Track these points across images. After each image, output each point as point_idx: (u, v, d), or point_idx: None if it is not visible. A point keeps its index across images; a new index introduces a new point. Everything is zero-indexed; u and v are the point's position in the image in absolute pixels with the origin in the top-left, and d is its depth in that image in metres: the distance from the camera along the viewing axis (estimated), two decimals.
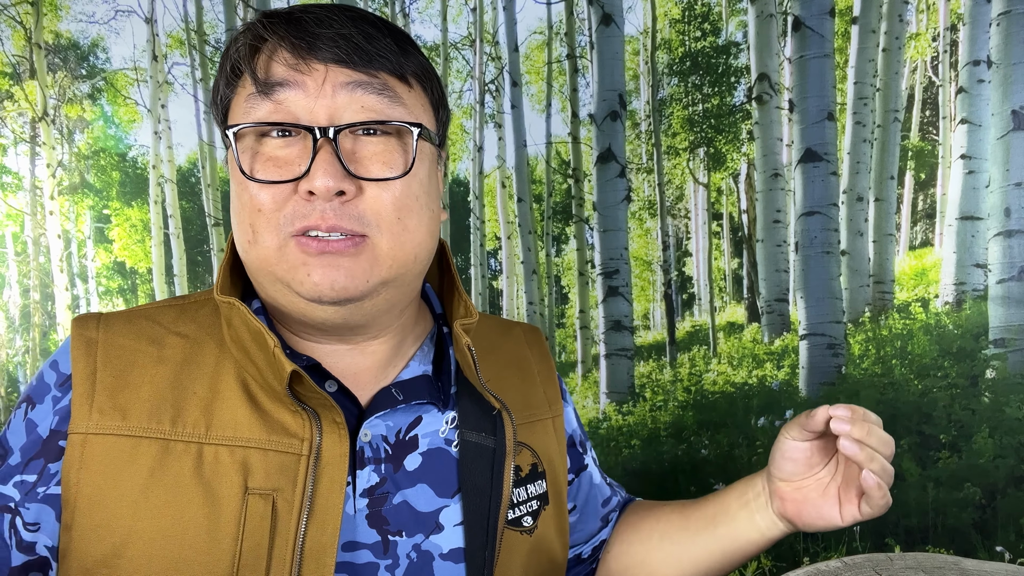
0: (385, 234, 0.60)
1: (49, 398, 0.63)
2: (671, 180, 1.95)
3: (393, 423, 0.68)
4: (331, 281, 0.59)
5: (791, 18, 1.80)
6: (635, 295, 1.94)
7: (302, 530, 0.59)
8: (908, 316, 1.77)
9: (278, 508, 0.59)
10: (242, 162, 0.60)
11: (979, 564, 0.66)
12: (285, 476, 0.60)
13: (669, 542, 0.82)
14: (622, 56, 1.90)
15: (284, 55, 0.60)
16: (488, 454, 0.69)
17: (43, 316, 2.14)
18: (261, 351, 0.61)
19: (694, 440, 1.85)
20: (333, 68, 0.60)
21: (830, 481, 0.72)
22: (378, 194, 0.60)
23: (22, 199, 2.12)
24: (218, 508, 0.58)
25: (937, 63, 1.77)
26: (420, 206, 0.63)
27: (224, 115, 0.65)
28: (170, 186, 2.08)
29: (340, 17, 0.61)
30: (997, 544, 1.70)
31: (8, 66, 2.06)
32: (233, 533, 0.58)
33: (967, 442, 1.71)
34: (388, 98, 0.61)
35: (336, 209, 0.58)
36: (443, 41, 1.98)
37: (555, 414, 0.81)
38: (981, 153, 1.72)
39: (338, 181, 0.58)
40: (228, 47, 0.64)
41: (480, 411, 0.70)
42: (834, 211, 1.81)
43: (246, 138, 0.61)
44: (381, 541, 0.64)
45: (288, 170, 0.59)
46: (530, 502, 0.74)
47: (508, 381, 0.78)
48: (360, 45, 0.60)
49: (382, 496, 0.65)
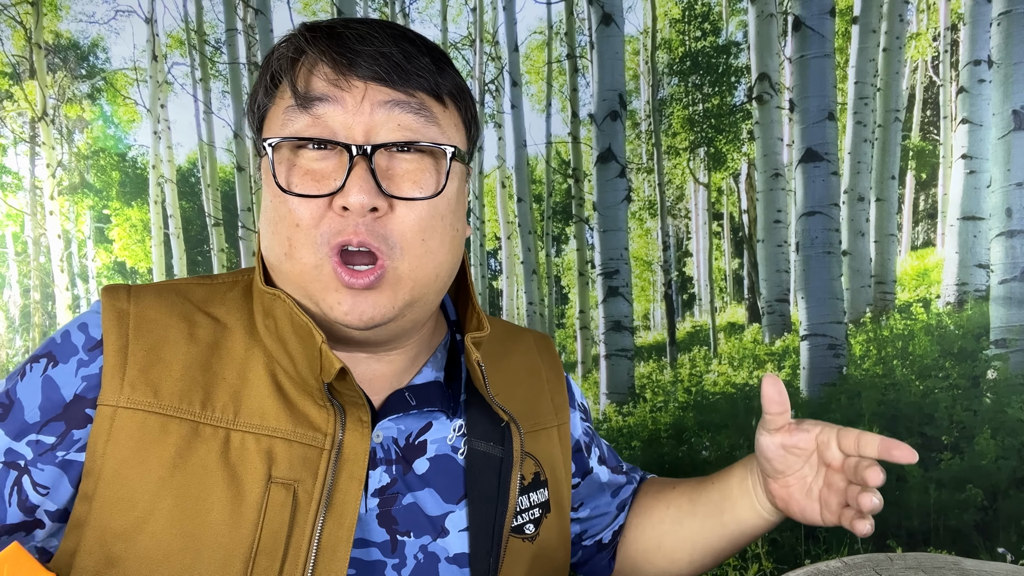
0: (407, 256, 0.62)
1: (75, 360, 0.63)
2: (671, 180, 1.94)
3: (404, 427, 0.69)
4: (359, 312, 0.61)
5: (791, 18, 1.80)
6: (635, 295, 1.93)
7: (320, 523, 0.60)
8: (909, 316, 1.77)
9: (299, 499, 0.60)
10: (278, 174, 0.61)
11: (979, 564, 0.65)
12: (307, 468, 0.61)
13: (680, 527, 0.84)
14: (622, 56, 1.89)
15: (325, 70, 0.61)
16: (495, 463, 0.70)
17: (43, 316, 2.14)
18: (302, 345, 0.61)
19: (695, 441, 1.85)
20: (372, 86, 0.61)
21: (812, 480, 0.72)
22: (406, 213, 0.62)
23: (22, 199, 2.12)
24: (241, 493, 0.59)
25: (938, 63, 1.76)
26: (445, 226, 0.65)
27: (260, 123, 0.67)
28: (170, 186, 2.08)
29: (381, 35, 0.62)
30: (999, 545, 1.69)
31: (8, 66, 2.06)
32: (254, 519, 0.59)
33: (969, 443, 1.71)
34: (424, 117, 0.62)
35: (368, 224, 0.60)
36: (443, 41, 1.97)
37: (561, 422, 0.82)
38: (982, 153, 1.71)
39: (371, 198, 0.59)
40: (269, 56, 0.65)
41: (488, 421, 0.72)
42: (835, 211, 1.81)
43: (283, 149, 0.62)
44: (390, 540, 0.66)
45: (324, 184, 0.61)
46: (532, 510, 0.75)
47: (516, 389, 0.79)
48: (399, 64, 0.61)
49: (392, 496, 0.66)
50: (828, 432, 0.70)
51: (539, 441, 0.78)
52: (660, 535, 0.85)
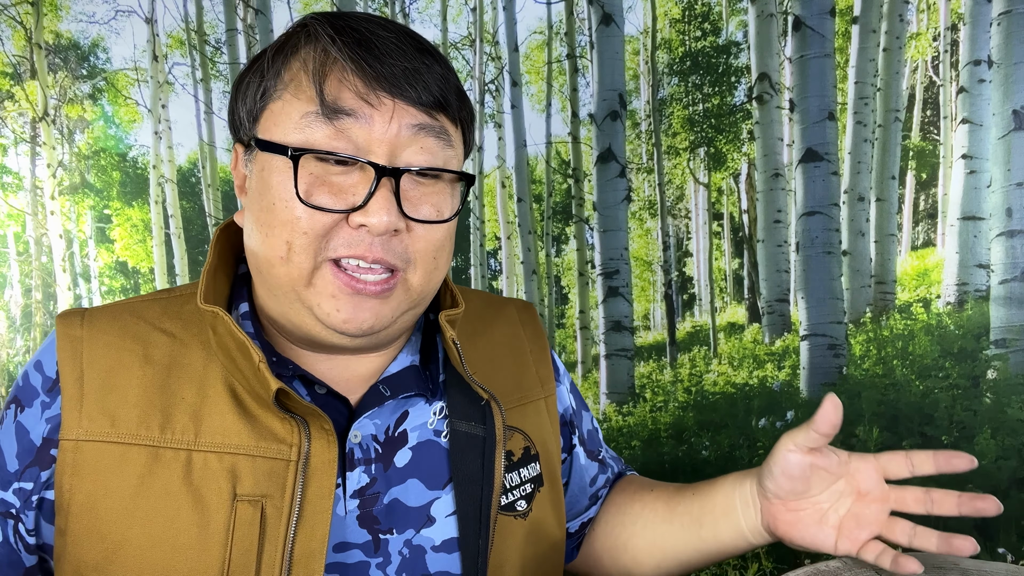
0: (419, 271, 0.63)
1: (38, 403, 0.63)
2: (671, 180, 1.94)
3: (381, 421, 0.68)
4: (359, 321, 0.61)
5: (791, 18, 1.80)
6: (635, 295, 1.93)
7: (291, 536, 0.59)
8: (909, 316, 1.77)
9: (267, 514, 0.59)
10: (299, 183, 0.59)
11: (979, 564, 0.65)
12: (274, 482, 0.60)
13: (652, 532, 0.81)
14: (622, 56, 1.89)
15: (356, 83, 0.59)
16: (478, 443, 0.68)
17: (44, 316, 2.14)
18: (247, 361, 0.60)
19: (695, 441, 1.85)
20: (401, 105, 0.60)
21: (829, 509, 0.67)
22: (424, 234, 0.63)
23: (23, 199, 2.12)
24: (207, 515, 0.59)
25: (938, 63, 1.76)
26: (450, 243, 0.67)
27: (257, 113, 0.63)
28: (170, 186, 2.09)
29: (406, 46, 0.61)
30: (999, 546, 1.69)
31: (8, 66, 2.06)
32: (222, 540, 0.58)
33: (969, 443, 1.71)
34: (443, 141, 0.63)
35: (384, 243, 0.60)
36: (443, 41, 1.97)
37: (547, 394, 0.81)
38: (982, 153, 1.71)
39: (394, 220, 0.59)
40: (283, 44, 0.63)
41: (468, 400, 0.70)
42: (835, 211, 1.81)
43: (300, 157, 0.60)
44: (372, 540, 0.65)
45: (343, 199, 0.60)
46: (523, 486, 0.73)
47: (499, 363, 0.78)
48: (428, 86, 0.61)
49: (373, 496, 0.66)
50: (863, 458, 0.66)
51: (527, 414, 0.77)
52: (628, 535, 0.83)
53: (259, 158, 0.63)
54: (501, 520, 0.70)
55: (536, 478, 0.75)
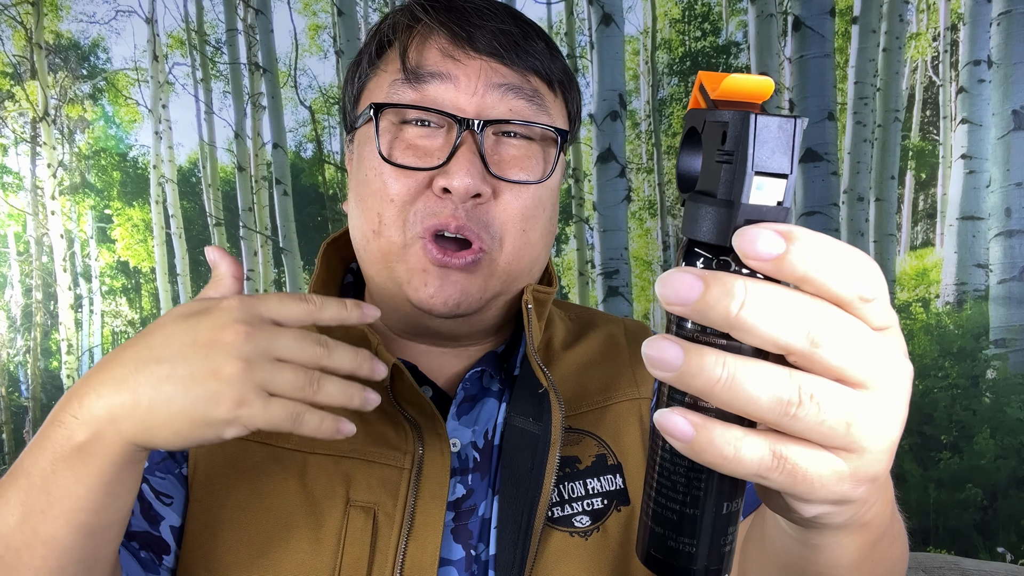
0: (507, 246, 0.59)
1: None
2: (671, 180, 1.95)
3: (477, 426, 0.64)
4: (445, 296, 0.58)
5: (791, 18, 1.80)
6: (635, 295, 1.94)
7: (402, 547, 0.56)
8: (909, 316, 1.77)
9: (379, 523, 0.57)
10: (381, 143, 0.58)
11: (978, 564, 0.66)
12: (387, 490, 0.58)
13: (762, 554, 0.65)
14: (622, 56, 1.90)
15: (442, 42, 0.58)
16: (531, 441, 0.60)
17: (44, 315, 2.14)
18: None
19: None
20: (488, 63, 0.58)
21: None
22: (511, 200, 0.58)
23: (23, 199, 2.12)
24: (320, 519, 0.57)
25: (937, 63, 1.76)
26: (545, 217, 0.62)
27: (357, 96, 0.63)
28: (171, 186, 2.09)
29: (497, 11, 0.59)
30: (998, 545, 1.70)
31: (9, 66, 2.06)
32: (334, 545, 0.56)
33: (968, 443, 1.71)
34: (536, 105, 0.60)
35: (468, 211, 0.57)
36: None
37: (644, 396, 0.69)
38: (982, 153, 1.71)
39: (477, 182, 0.55)
40: (380, 24, 0.62)
41: (529, 392, 0.63)
42: (834, 211, 1.81)
43: (384, 121, 0.59)
44: (465, 558, 0.60)
45: (426, 160, 0.57)
46: (591, 499, 0.62)
47: (588, 367, 0.69)
48: (518, 43, 0.58)
49: (469, 509, 0.61)
50: None
51: (607, 419, 0.66)
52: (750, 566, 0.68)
53: (357, 136, 0.63)
54: (551, 534, 0.60)
55: (615, 493, 0.63)
